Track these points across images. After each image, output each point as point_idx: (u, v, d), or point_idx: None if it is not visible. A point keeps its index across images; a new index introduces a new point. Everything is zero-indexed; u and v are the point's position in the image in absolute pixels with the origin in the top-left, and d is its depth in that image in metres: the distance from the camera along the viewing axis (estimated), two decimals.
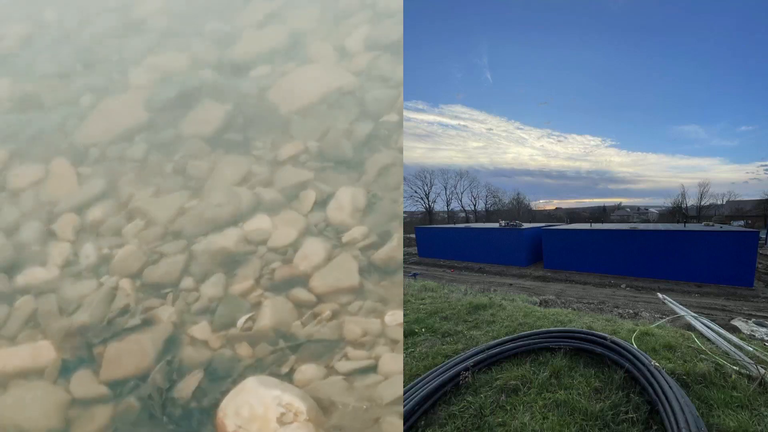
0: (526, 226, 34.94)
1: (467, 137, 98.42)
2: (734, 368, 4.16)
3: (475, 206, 72.54)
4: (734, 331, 7.18)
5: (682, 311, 7.91)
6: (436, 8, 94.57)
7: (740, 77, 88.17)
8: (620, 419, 3.34)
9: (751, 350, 4.75)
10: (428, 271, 29.25)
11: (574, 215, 67.50)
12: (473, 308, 7.31)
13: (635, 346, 4.57)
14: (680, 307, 8.43)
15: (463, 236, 36.15)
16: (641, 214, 73.49)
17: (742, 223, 50.38)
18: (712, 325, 6.21)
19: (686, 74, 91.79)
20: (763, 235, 34.33)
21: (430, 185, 68.67)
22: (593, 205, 77.59)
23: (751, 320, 9.34)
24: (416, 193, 67.58)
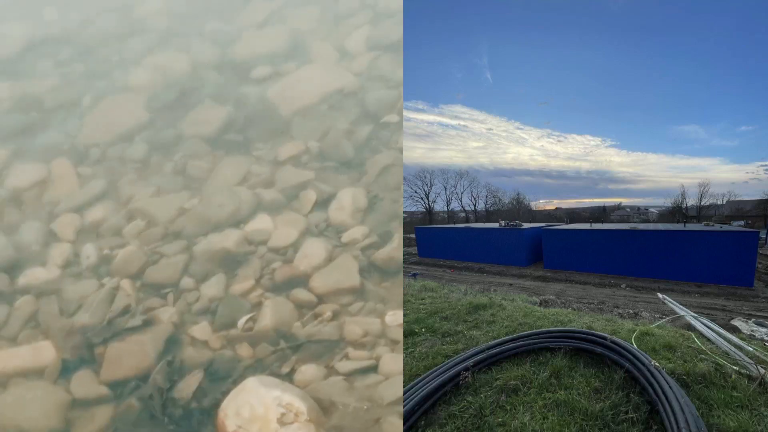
0: (526, 226, 34.95)
1: (467, 137, 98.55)
2: (734, 368, 4.16)
3: (475, 206, 72.60)
4: (734, 331, 7.18)
5: (682, 311, 7.91)
6: (436, 8, 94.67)
7: (740, 77, 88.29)
8: (620, 419, 3.34)
9: (751, 350, 4.75)
10: (428, 271, 29.25)
11: (574, 215, 67.50)
12: (473, 308, 7.31)
13: (635, 346, 4.57)
14: (680, 307, 8.43)
15: (463, 236, 36.15)
16: (641, 214, 73.48)
17: (742, 223, 50.38)
18: (712, 325, 6.21)
19: (686, 74, 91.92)
20: (763, 235, 34.33)
21: (430, 185, 68.73)
22: (593, 205, 77.68)
23: (751, 320, 9.34)
24: (416, 193, 67.65)
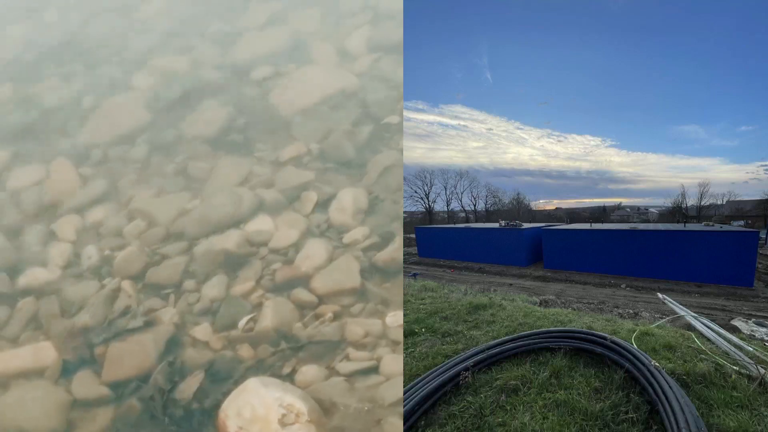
0: (526, 226, 34.96)
1: (467, 137, 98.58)
2: (734, 368, 4.17)
3: (475, 206, 72.62)
4: (734, 331, 7.19)
5: (682, 311, 7.91)
6: (436, 8, 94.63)
7: (740, 77, 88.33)
8: (620, 419, 3.34)
9: (751, 350, 4.76)
10: (428, 271, 29.25)
11: (574, 215, 67.52)
12: (473, 308, 7.32)
13: (635, 346, 4.57)
14: (680, 307, 8.43)
15: (463, 236, 36.15)
16: (641, 214, 73.49)
17: (742, 223, 50.39)
18: (712, 325, 6.21)
19: (686, 74, 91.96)
20: (763, 235, 34.34)
21: (430, 185, 68.75)
22: (593, 205, 77.70)
23: (751, 320, 9.35)
24: (416, 193, 67.67)
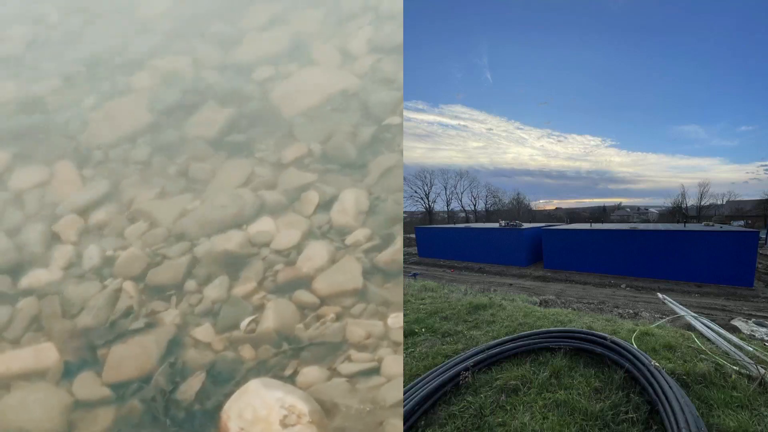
0: (526, 226, 34.96)
1: (467, 137, 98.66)
2: (734, 368, 4.17)
3: (475, 206, 72.65)
4: (734, 331, 7.19)
5: (682, 311, 7.92)
6: (436, 8, 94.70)
7: (740, 77, 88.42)
8: (620, 419, 3.35)
9: (751, 350, 4.76)
10: (428, 271, 29.26)
11: (574, 215, 67.55)
12: (473, 308, 7.32)
13: (635, 346, 4.58)
14: (680, 307, 8.44)
15: (463, 236, 36.16)
16: (641, 214, 73.52)
17: (742, 223, 50.41)
18: (712, 325, 6.22)
19: (686, 74, 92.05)
20: (763, 235, 34.35)
21: (430, 185, 68.78)
22: (593, 205, 77.77)
23: (751, 320, 9.36)
24: (416, 193, 67.71)
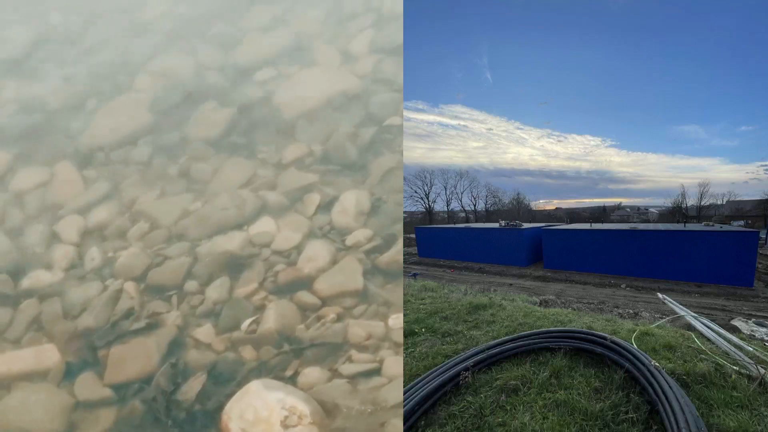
0: (526, 226, 34.97)
1: (467, 137, 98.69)
2: (734, 368, 4.18)
3: (475, 206, 72.68)
4: (734, 331, 7.20)
5: (682, 311, 7.93)
6: (436, 8, 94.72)
7: (740, 77, 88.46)
8: (620, 419, 3.35)
9: (751, 350, 4.77)
10: (428, 271, 29.26)
11: (574, 215, 67.57)
12: (473, 308, 7.33)
13: (635, 346, 4.59)
14: (680, 307, 8.44)
15: (463, 236, 36.16)
16: (641, 214, 73.54)
17: (742, 223, 50.42)
18: (712, 325, 6.23)
19: (686, 74, 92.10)
20: (763, 235, 34.36)
21: (430, 185, 68.81)
22: (593, 205, 77.82)
23: (751, 320, 9.36)
24: (416, 193, 67.73)
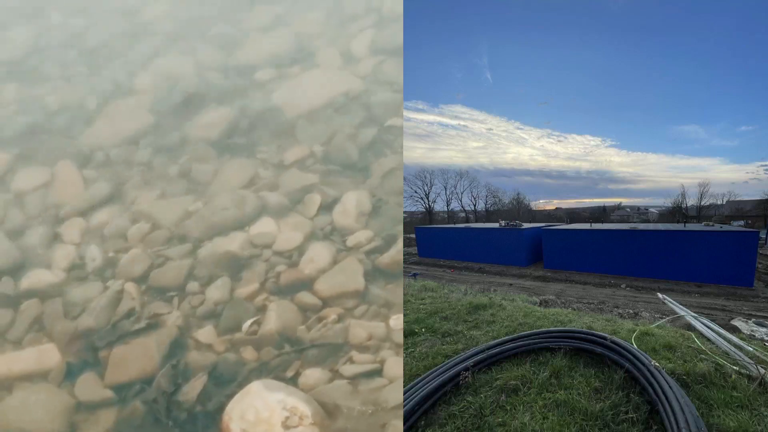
0: (526, 226, 34.97)
1: (467, 137, 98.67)
2: (734, 368, 4.19)
3: (475, 206, 72.67)
4: (734, 331, 7.21)
5: (682, 311, 7.93)
6: (436, 8, 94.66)
7: (740, 77, 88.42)
8: (620, 419, 3.36)
9: (751, 350, 4.77)
10: (428, 271, 29.27)
11: (574, 215, 67.56)
12: (473, 308, 7.33)
13: (635, 346, 4.59)
14: (680, 307, 8.45)
15: (463, 236, 36.16)
16: (641, 214, 73.54)
17: (742, 223, 50.42)
18: (712, 325, 6.23)
19: (686, 74, 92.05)
20: (763, 235, 34.36)
21: (430, 185, 68.79)
22: (593, 205, 77.80)
23: (751, 320, 9.37)
24: (416, 193, 67.70)
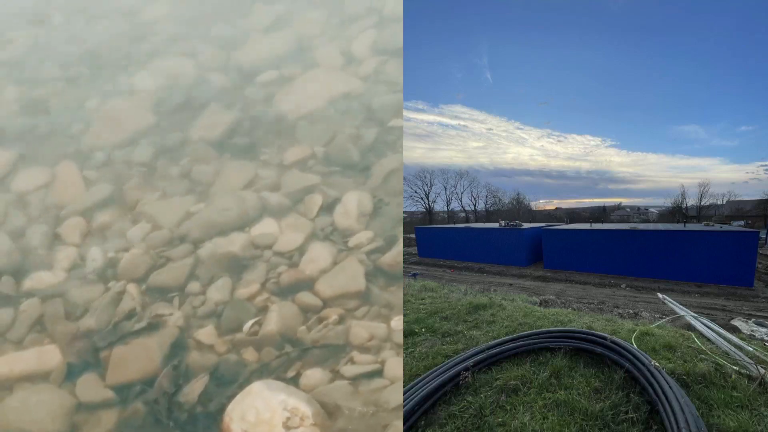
0: (526, 226, 34.97)
1: (467, 137, 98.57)
2: (734, 368, 4.19)
3: (475, 206, 72.62)
4: (734, 331, 7.21)
5: (682, 311, 7.94)
6: (436, 8, 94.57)
7: (740, 77, 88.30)
8: (620, 419, 3.36)
9: (751, 350, 4.78)
10: (428, 271, 29.26)
11: (574, 215, 67.52)
12: (473, 308, 7.34)
13: (635, 346, 4.59)
14: (680, 307, 8.46)
15: (463, 236, 36.16)
16: (641, 214, 73.50)
17: (742, 223, 50.40)
18: (712, 325, 6.24)
19: (686, 74, 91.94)
20: (763, 235, 34.35)
21: (430, 185, 68.74)
22: (593, 205, 77.73)
23: (751, 320, 9.37)
24: (416, 193, 67.64)
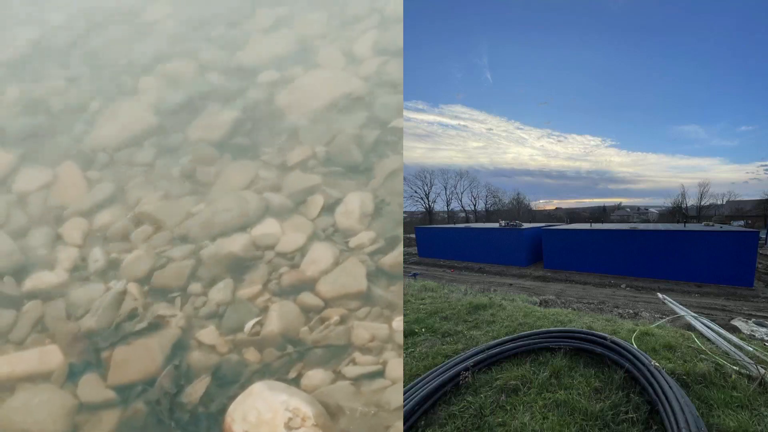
0: (526, 226, 34.95)
1: (467, 137, 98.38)
2: (734, 368, 4.19)
3: (475, 206, 72.54)
4: (734, 331, 7.21)
5: (682, 311, 7.94)
6: (436, 8, 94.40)
7: (740, 77, 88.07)
8: (620, 419, 3.37)
9: (751, 350, 4.78)
10: (428, 271, 29.24)
11: (574, 215, 67.45)
12: (473, 308, 7.34)
13: (635, 346, 4.60)
14: (680, 307, 8.46)
15: (463, 236, 36.15)
16: (641, 214, 73.46)
17: (742, 223, 50.37)
18: (712, 325, 6.24)
19: (686, 74, 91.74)
20: (763, 235, 34.34)
21: (430, 185, 68.63)
22: (593, 205, 77.61)
23: (751, 320, 9.38)
24: (416, 193, 67.53)
